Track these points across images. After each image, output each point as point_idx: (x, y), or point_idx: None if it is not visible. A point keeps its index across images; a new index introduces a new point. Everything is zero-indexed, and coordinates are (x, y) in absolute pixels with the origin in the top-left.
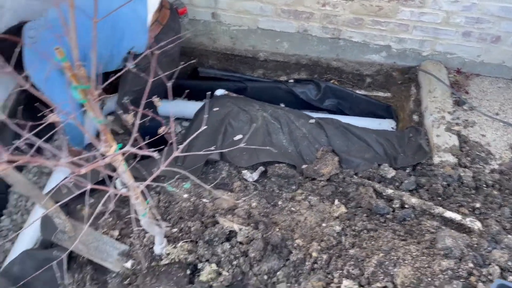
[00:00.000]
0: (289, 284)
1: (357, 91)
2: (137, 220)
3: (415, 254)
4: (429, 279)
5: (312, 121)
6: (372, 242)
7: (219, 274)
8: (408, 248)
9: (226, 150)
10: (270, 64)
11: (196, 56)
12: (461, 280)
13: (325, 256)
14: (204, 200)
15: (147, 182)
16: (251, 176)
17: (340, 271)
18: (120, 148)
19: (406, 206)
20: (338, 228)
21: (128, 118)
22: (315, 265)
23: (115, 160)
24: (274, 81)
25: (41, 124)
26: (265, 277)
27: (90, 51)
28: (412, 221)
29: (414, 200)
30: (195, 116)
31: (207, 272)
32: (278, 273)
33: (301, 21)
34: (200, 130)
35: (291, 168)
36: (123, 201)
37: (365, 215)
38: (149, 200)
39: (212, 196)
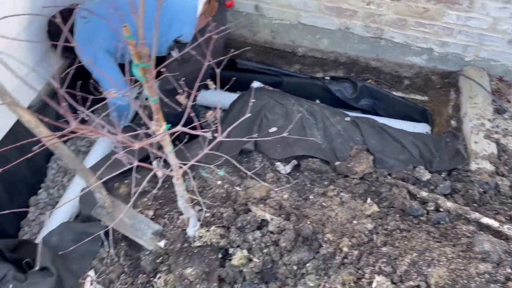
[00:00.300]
0: (318, 276)
1: (394, 93)
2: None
3: (450, 256)
4: (465, 281)
5: (348, 119)
6: (405, 242)
7: (250, 260)
8: (444, 250)
9: (266, 139)
10: (308, 60)
11: (235, 47)
12: (498, 284)
13: (356, 252)
14: (237, 188)
15: (191, 163)
16: (284, 168)
17: (372, 267)
18: (169, 129)
19: (441, 209)
20: (370, 226)
21: (181, 99)
22: (345, 260)
23: (164, 139)
24: (311, 77)
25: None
26: (295, 267)
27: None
28: (446, 225)
29: (449, 204)
30: (230, 106)
31: (238, 257)
32: (307, 264)
33: (343, 19)
34: (244, 117)
35: (324, 163)
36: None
37: (397, 215)
38: (187, 183)
39: (245, 185)
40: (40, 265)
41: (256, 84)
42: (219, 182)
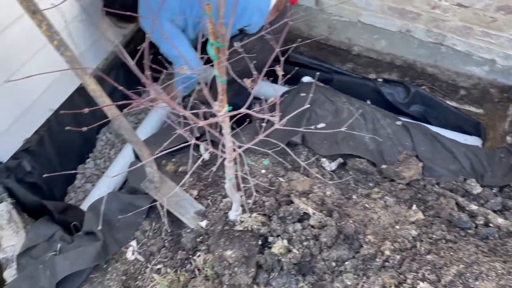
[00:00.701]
0: (356, 276)
1: (448, 102)
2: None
3: (500, 272)
4: None
5: (399, 123)
6: (451, 253)
7: (289, 251)
8: (493, 265)
9: (314, 130)
10: (362, 59)
11: (290, 41)
12: None
13: (398, 257)
14: (280, 179)
15: (247, 146)
16: (329, 165)
17: (415, 274)
18: (229, 111)
19: (491, 225)
20: (414, 233)
21: (248, 82)
22: (386, 263)
23: (225, 120)
24: (362, 77)
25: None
26: (333, 264)
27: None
28: (495, 241)
29: (500, 221)
30: (281, 97)
31: (278, 246)
32: (346, 263)
33: (405, 21)
34: (303, 108)
35: (371, 165)
36: (205, 164)
37: (443, 225)
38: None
39: (288, 177)
40: (87, 230)
41: (306, 78)
42: (263, 171)
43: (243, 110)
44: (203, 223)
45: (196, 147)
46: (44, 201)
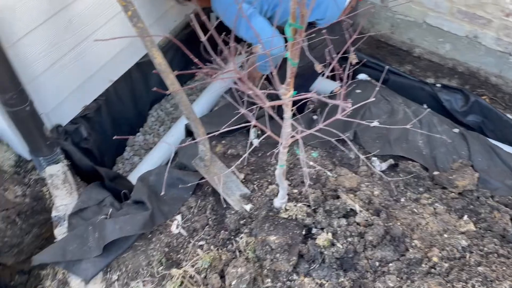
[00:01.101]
0: (399, 279)
1: (508, 115)
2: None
3: None
4: None
5: (456, 130)
6: (504, 268)
7: (333, 244)
8: None
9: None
10: (422, 62)
11: (350, 36)
12: None
13: (446, 265)
14: (328, 173)
15: (305, 133)
16: (379, 165)
17: (464, 283)
18: (293, 96)
19: None
20: (464, 243)
21: (318, 67)
22: (433, 270)
23: (288, 104)
24: (420, 81)
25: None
26: (377, 263)
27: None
28: None
29: None
30: (331, 92)
31: (323, 238)
32: (390, 264)
33: (474, 26)
34: (369, 101)
35: (423, 169)
36: (253, 150)
37: (496, 239)
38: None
39: (336, 172)
40: (136, 199)
41: (362, 76)
42: (310, 163)
43: (311, 95)
44: (248, 207)
45: (247, 132)
46: (98, 167)
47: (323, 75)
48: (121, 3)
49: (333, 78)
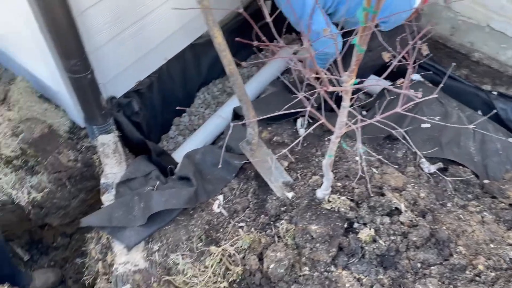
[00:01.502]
0: (440, 283)
1: None
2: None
3: None
4: None
5: None
6: None
7: (374, 241)
8: None
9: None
10: (480, 68)
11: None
12: None
13: (492, 274)
14: (374, 170)
15: (365, 123)
16: (428, 167)
17: None
18: (355, 84)
19: None
20: None
21: (385, 56)
22: (477, 278)
23: (348, 92)
24: (475, 86)
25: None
26: (418, 265)
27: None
28: None
29: None
30: (381, 92)
31: (365, 233)
32: (432, 267)
33: None
34: (423, 99)
35: (474, 176)
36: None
37: None
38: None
39: (382, 169)
40: (182, 175)
41: (416, 76)
42: (357, 158)
43: (383, 83)
44: (290, 194)
45: (293, 121)
46: (147, 141)
47: (389, 65)
48: None
49: (384, 77)
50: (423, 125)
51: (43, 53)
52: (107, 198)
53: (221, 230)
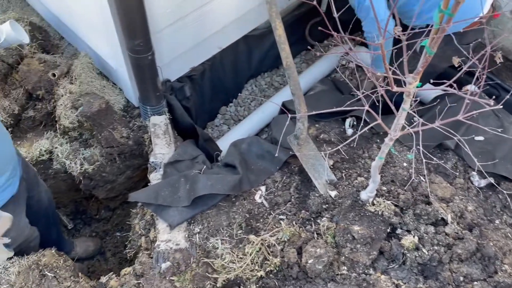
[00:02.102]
0: None
1: None
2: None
3: None
4: None
5: None
6: None
7: (417, 249)
8: None
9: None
10: None
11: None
12: None
13: None
14: (421, 177)
15: (423, 128)
16: (478, 181)
17: None
18: (419, 87)
19: None
20: None
21: (455, 61)
22: None
23: (410, 94)
24: None
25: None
26: (461, 278)
27: None
28: None
29: None
30: (433, 100)
31: (409, 240)
32: (475, 283)
33: None
34: (479, 111)
35: None
36: (345, 139)
37: None
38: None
39: (430, 178)
40: (228, 162)
41: (472, 87)
42: (404, 164)
43: (443, 88)
44: (333, 193)
45: (342, 120)
46: (197, 126)
47: (460, 69)
48: None
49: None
50: (477, 138)
51: (108, 31)
52: (155, 177)
53: (261, 220)
